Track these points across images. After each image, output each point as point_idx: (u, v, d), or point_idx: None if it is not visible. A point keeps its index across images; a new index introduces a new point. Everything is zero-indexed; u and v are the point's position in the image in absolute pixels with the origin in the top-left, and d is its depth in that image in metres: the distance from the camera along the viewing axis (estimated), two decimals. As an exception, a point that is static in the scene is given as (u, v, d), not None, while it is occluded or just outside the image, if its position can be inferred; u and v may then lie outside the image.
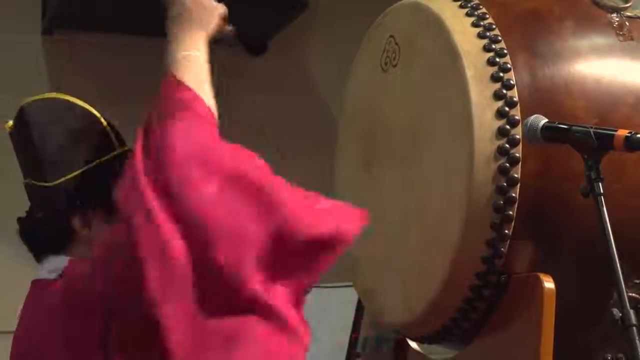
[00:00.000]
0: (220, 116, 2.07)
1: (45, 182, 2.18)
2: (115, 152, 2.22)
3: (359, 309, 3.52)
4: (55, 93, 2.26)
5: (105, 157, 2.21)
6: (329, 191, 3.05)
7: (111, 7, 4.83)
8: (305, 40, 5.41)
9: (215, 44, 2.10)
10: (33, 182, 2.21)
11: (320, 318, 3.39)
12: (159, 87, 1.98)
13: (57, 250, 2.18)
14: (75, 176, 2.18)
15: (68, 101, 2.24)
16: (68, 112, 2.23)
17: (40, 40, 5.04)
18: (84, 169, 2.18)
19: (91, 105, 2.29)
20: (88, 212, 2.17)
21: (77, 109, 2.24)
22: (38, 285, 2.19)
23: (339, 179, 3.06)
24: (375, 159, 2.88)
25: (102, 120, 2.24)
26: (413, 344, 2.97)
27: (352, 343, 3.36)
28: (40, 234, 2.18)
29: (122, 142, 2.25)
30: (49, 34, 5.03)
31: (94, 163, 2.19)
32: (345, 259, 2.94)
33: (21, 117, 2.22)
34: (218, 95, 2.00)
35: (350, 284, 3.04)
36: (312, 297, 2.01)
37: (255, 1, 4.73)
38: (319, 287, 3.19)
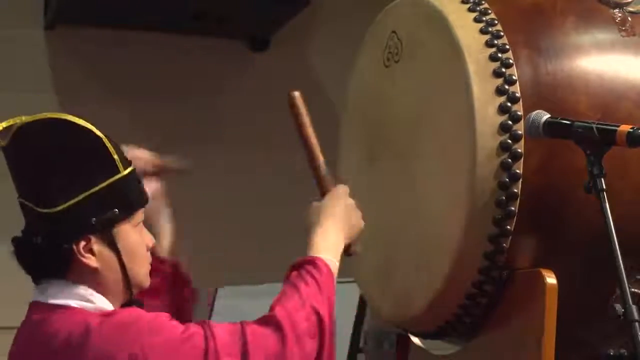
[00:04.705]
0: (221, 112, 2.12)
1: (47, 208, 2.09)
2: (120, 175, 2.13)
3: (361, 304, 3.52)
4: (57, 113, 2.13)
5: (109, 181, 2.12)
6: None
7: (113, 1, 4.84)
8: (307, 36, 5.41)
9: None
10: (32, 206, 2.11)
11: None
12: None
13: (58, 275, 2.12)
14: (79, 202, 2.09)
15: (70, 122, 2.12)
16: (70, 135, 2.11)
17: (43, 34, 5.04)
18: (86, 194, 2.09)
19: (93, 100, 2.24)
20: (91, 237, 2.10)
21: (80, 131, 2.11)
22: (40, 308, 2.13)
23: (342, 175, 3.05)
24: (377, 154, 2.88)
25: (106, 141, 2.13)
26: (415, 340, 2.97)
27: (355, 338, 3.36)
28: (41, 259, 2.11)
29: (128, 163, 2.16)
30: (51, 28, 5.03)
31: (98, 187, 2.10)
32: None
33: (19, 137, 2.10)
34: (219, 91, 2.02)
35: (352, 279, 3.04)
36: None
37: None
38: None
